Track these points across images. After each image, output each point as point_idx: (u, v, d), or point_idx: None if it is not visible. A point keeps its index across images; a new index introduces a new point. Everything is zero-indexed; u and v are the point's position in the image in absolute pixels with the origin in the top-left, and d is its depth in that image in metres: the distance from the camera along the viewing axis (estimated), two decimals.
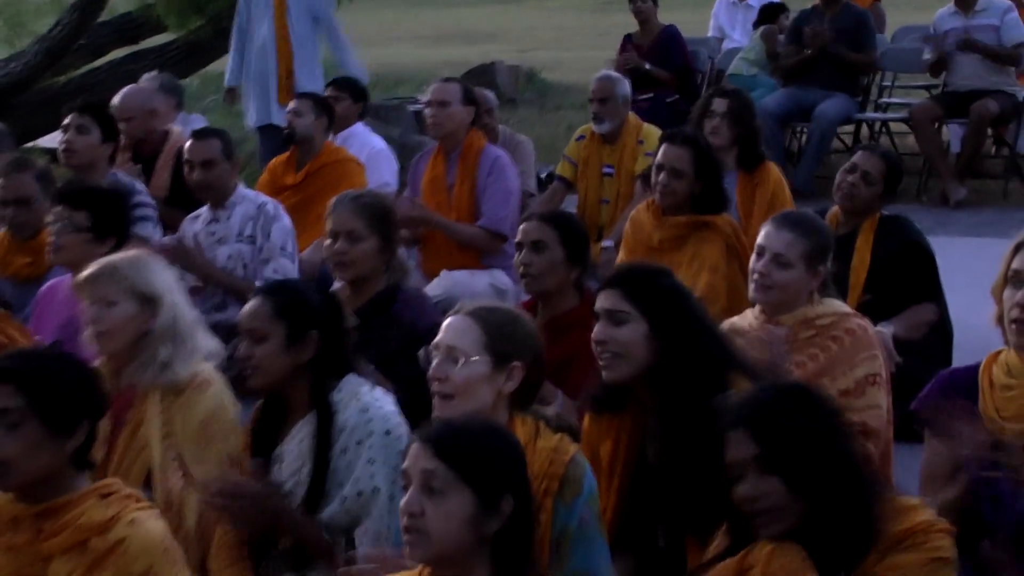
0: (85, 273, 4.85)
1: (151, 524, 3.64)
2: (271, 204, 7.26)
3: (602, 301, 4.38)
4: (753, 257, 5.28)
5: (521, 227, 5.64)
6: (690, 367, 4.24)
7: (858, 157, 6.90)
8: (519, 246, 5.55)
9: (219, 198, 7.22)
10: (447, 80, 8.23)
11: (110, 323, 4.75)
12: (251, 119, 11.16)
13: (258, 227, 7.14)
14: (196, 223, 7.35)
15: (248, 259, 7.10)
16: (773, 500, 3.40)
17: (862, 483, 3.47)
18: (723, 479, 3.54)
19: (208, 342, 4.87)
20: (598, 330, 4.34)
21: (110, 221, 5.88)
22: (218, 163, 7.20)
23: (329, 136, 8.75)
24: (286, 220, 7.21)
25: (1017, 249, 4.24)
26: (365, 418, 4.33)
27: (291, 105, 8.68)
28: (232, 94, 11.48)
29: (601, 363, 4.34)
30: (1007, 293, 4.23)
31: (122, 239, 5.95)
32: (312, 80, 10.73)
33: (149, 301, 4.74)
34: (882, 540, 3.43)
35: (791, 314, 5.20)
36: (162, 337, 4.71)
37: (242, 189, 7.37)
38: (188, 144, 7.39)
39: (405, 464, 3.28)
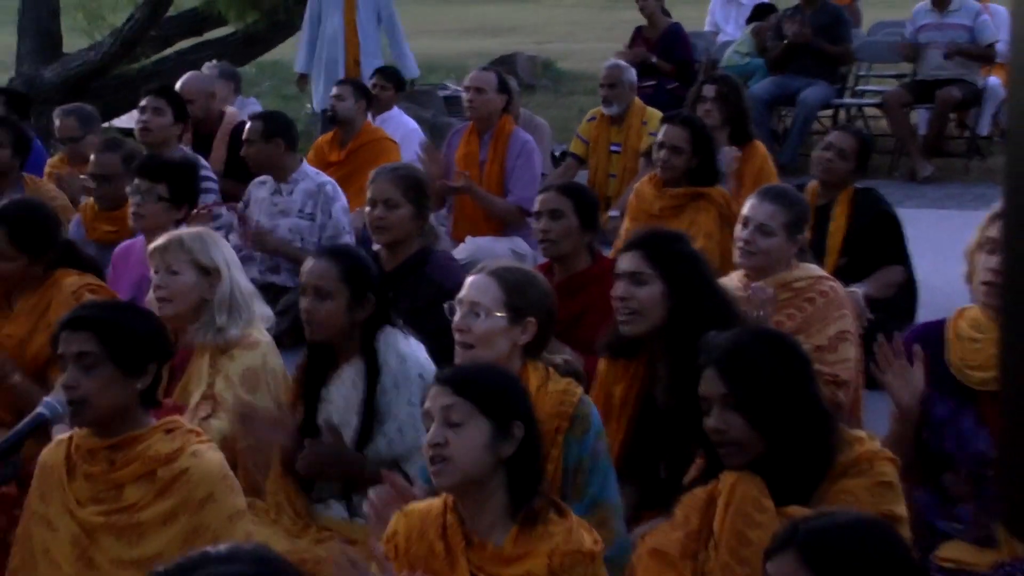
0: (155, 244, 4.87)
1: (211, 455, 3.65)
2: (330, 185, 7.26)
3: (625, 262, 4.39)
4: (738, 226, 5.28)
5: (540, 197, 5.64)
6: (700, 324, 4.24)
7: (833, 136, 6.91)
8: (538, 215, 5.55)
9: (280, 173, 7.21)
10: (484, 69, 8.28)
11: (173, 289, 4.76)
12: (318, 103, 11.12)
13: (318, 206, 7.14)
14: (262, 189, 7.37)
15: (306, 233, 7.10)
16: (736, 434, 3.41)
17: (817, 423, 3.46)
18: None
19: (263, 309, 4.89)
20: (620, 288, 4.35)
21: (184, 190, 5.95)
22: (255, 142, 7.20)
23: (368, 117, 8.75)
24: (343, 200, 7.23)
25: (993, 219, 4.25)
26: (402, 364, 4.34)
27: (333, 90, 8.67)
28: (304, 80, 11.43)
29: (620, 318, 4.36)
30: (981, 258, 4.23)
31: (193, 206, 6.00)
32: (374, 67, 10.71)
33: (208, 273, 4.75)
34: (833, 469, 3.43)
35: (771, 277, 5.20)
36: (219, 305, 4.72)
37: (305, 166, 7.37)
38: (248, 127, 7.41)
39: (426, 405, 3.31)
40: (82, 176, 7.26)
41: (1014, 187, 1.06)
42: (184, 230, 5.05)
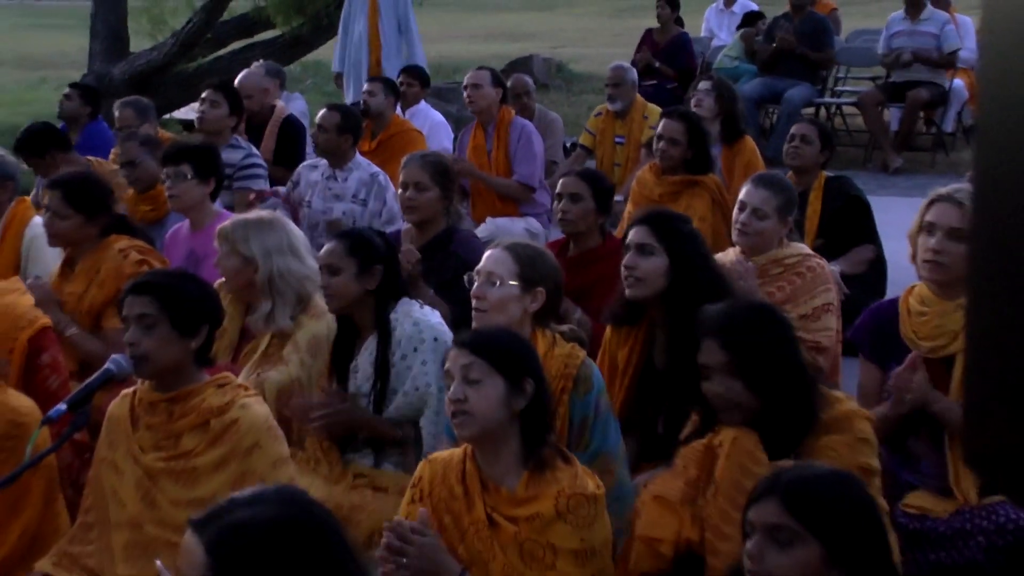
0: (220, 227, 4.87)
1: (257, 408, 3.66)
2: (382, 175, 7.22)
3: (634, 235, 4.40)
4: (736, 210, 5.30)
5: (562, 181, 5.65)
6: (696, 294, 4.26)
7: (794, 128, 6.90)
8: (559, 196, 5.55)
9: (338, 160, 7.21)
10: (480, 68, 8.29)
11: (225, 269, 4.78)
12: (348, 98, 11.12)
13: (372, 193, 7.12)
14: (314, 173, 7.32)
15: (358, 217, 7.07)
16: (735, 397, 3.41)
17: (805, 385, 3.47)
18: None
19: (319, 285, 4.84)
20: (628, 258, 4.37)
21: (207, 166, 5.92)
22: (328, 130, 7.20)
23: (396, 110, 8.75)
24: (393, 188, 7.21)
25: (930, 204, 4.27)
26: (417, 330, 4.33)
27: (365, 87, 8.66)
28: (339, 78, 11.41)
29: (626, 284, 4.38)
30: (921, 239, 4.26)
31: (220, 179, 5.99)
32: (394, 68, 10.70)
33: (248, 260, 4.74)
34: (817, 426, 3.43)
35: (764, 255, 5.22)
36: (261, 291, 4.69)
37: (358, 157, 7.35)
38: (321, 113, 7.40)
39: (447, 365, 3.31)
40: (112, 168, 7.26)
41: (983, 179, 1.05)
42: (238, 217, 5.05)
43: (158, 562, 2.33)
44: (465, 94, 8.16)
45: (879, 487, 3.49)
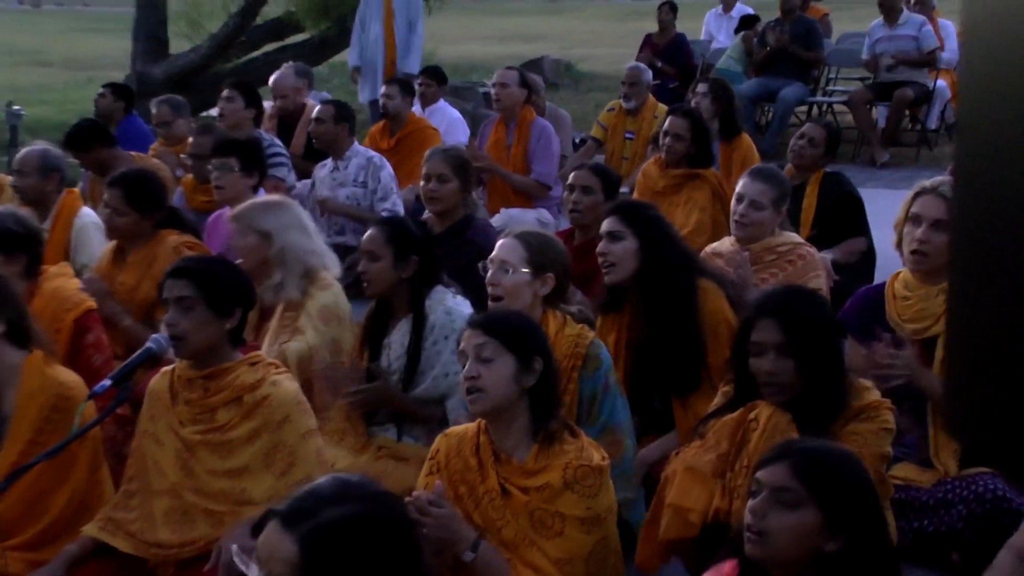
0: (232, 212, 4.91)
1: (287, 384, 3.66)
2: (377, 157, 7.32)
3: (605, 225, 4.45)
4: (734, 202, 5.30)
5: (574, 173, 5.63)
6: (666, 272, 4.29)
7: (806, 127, 6.88)
8: (571, 188, 5.54)
9: (337, 151, 7.25)
10: (508, 68, 8.27)
11: (241, 249, 4.78)
12: (363, 96, 11.13)
13: (369, 174, 7.18)
14: (323, 170, 7.41)
15: (361, 198, 7.14)
16: (785, 378, 3.38)
17: (840, 370, 3.45)
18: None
19: (328, 259, 4.85)
20: (601, 246, 4.41)
21: (252, 160, 5.96)
22: (326, 121, 7.22)
23: (412, 108, 8.77)
24: (389, 168, 7.26)
25: (916, 196, 4.28)
26: (450, 319, 4.31)
27: (383, 89, 8.65)
28: (357, 72, 11.42)
29: (603, 270, 4.40)
30: (907, 229, 4.28)
31: (263, 172, 6.02)
32: (407, 66, 10.72)
33: (265, 236, 4.74)
34: (847, 411, 3.41)
35: (759, 243, 5.21)
36: (274, 263, 4.71)
37: (356, 146, 7.40)
38: (317, 108, 7.45)
39: (461, 346, 3.31)
40: (181, 156, 7.37)
41: (963, 171, 1.05)
42: (252, 200, 5.07)
43: (235, 547, 2.30)
44: (492, 91, 8.14)
45: (886, 471, 3.49)
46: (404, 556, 2.11)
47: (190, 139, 7.19)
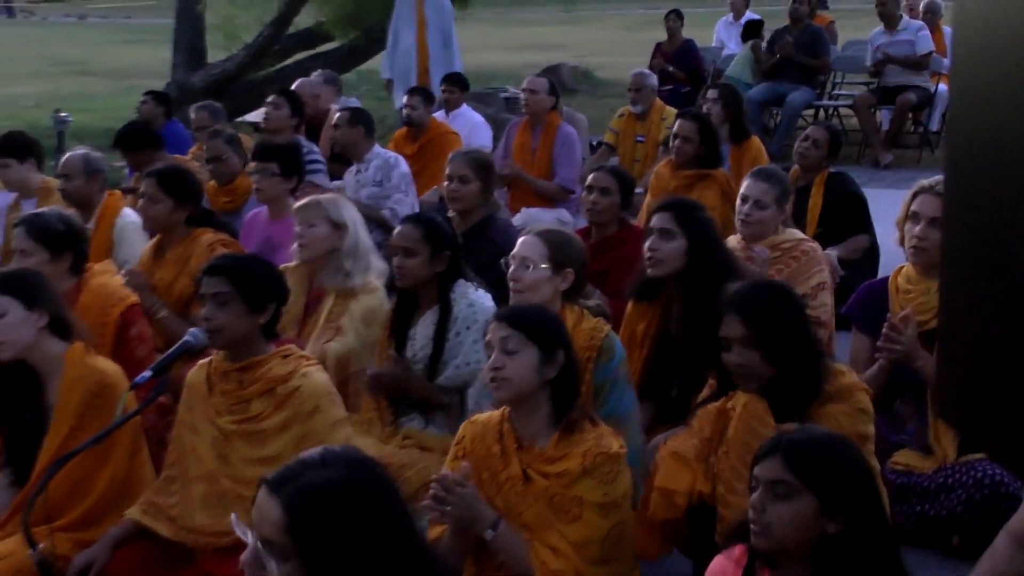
0: (298, 204, 4.94)
1: (318, 376, 3.67)
2: (393, 157, 7.35)
3: (657, 220, 4.40)
4: (739, 202, 5.29)
5: (594, 175, 5.59)
6: (710, 273, 4.26)
7: (809, 130, 6.89)
8: (590, 189, 5.52)
9: (355, 154, 7.28)
10: (539, 75, 8.31)
11: (310, 238, 4.80)
12: (397, 102, 11.11)
13: (384, 173, 7.19)
14: (350, 174, 7.46)
15: (378, 196, 7.16)
16: (752, 368, 3.39)
17: (813, 358, 3.44)
18: (717, 348, 3.54)
19: (378, 263, 4.87)
20: (652, 241, 4.36)
21: (291, 165, 5.97)
22: (342, 126, 7.23)
23: (442, 115, 8.78)
24: (404, 167, 7.26)
25: (915, 195, 4.30)
26: (472, 311, 4.30)
27: (405, 99, 8.65)
28: (390, 84, 11.43)
29: (648, 263, 4.38)
30: (908, 226, 4.31)
31: (301, 177, 6.04)
32: (439, 76, 10.71)
33: (338, 227, 4.77)
34: (821, 395, 3.40)
35: (765, 240, 5.20)
36: (346, 254, 4.74)
37: (377, 148, 7.40)
38: (336, 114, 7.49)
39: (487, 337, 3.31)
40: (193, 165, 7.33)
41: (954, 172, 1.05)
42: (321, 195, 5.10)
43: (233, 516, 2.32)
44: (522, 96, 8.13)
45: (872, 451, 3.48)
46: (384, 516, 2.12)
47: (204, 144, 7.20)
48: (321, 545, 2.07)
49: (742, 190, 5.29)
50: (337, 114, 7.50)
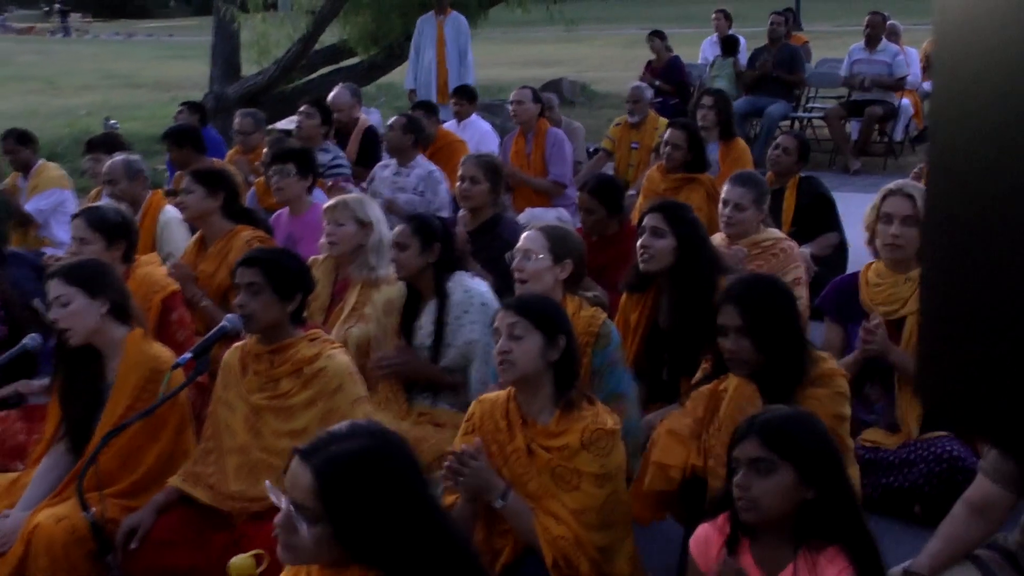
0: (327, 204, 4.94)
1: (341, 357, 3.67)
2: (437, 171, 7.24)
3: (649, 220, 4.39)
4: (720, 206, 5.28)
5: (579, 195, 5.51)
6: (697, 269, 4.24)
7: (780, 139, 6.86)
8: (580, 207, 5.48)
9: (403, 158, 7.23)
10: (523, 87, 8.28)
11: (339, 236, 4.79)
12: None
13: (428, 187, 7.15)
14: (385, 170, 7.35)
15: (418, 205, 7.07)
16: (744, 353, 3.37)
17: (799, 346, 3.42)
18: (706, 336, 3.53)
19: None
20: (644, 239, 4.35)
21: (307, 165, 5.96)
22: (396, 130, 7.20)
23: (441, 125, 8.76)
24: (445, 183, 7.20)
25: (884, 197, 4.28)
26: (468, 296, 4.30)
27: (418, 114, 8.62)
28: (413, 94, 11.40)
29: (641, 259, 4.36)
30: (880, 227, 4.31)
31: (316, 176, 6.02)
32: (467, 80, 10.70)
33: (364, 225, 4.76)
34: (805, 379, 3.38)
35: (746, 239, 5.20)
36: (372, 249, 4.75)
37: (421, 157, 7.35)
38: (392, 118, 7.42)
39: (495, 324, 3.30)
40: (255, 163, 7.37)
41: (936, 168, 1.03)
42: (347, 195, 5.08)
43: (267, 483, 2.33)
44: (510, 108, 8.14)
45: (848, 430, 3.46)
46: (404, 483, 2.14)
47: (264, 149, 7.19)
48: (347, 508, 2.08)
49: (723, 195, 5.27)
50: (393, 118, 7.45)
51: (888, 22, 12.48)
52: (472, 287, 4.34)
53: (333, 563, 2.14)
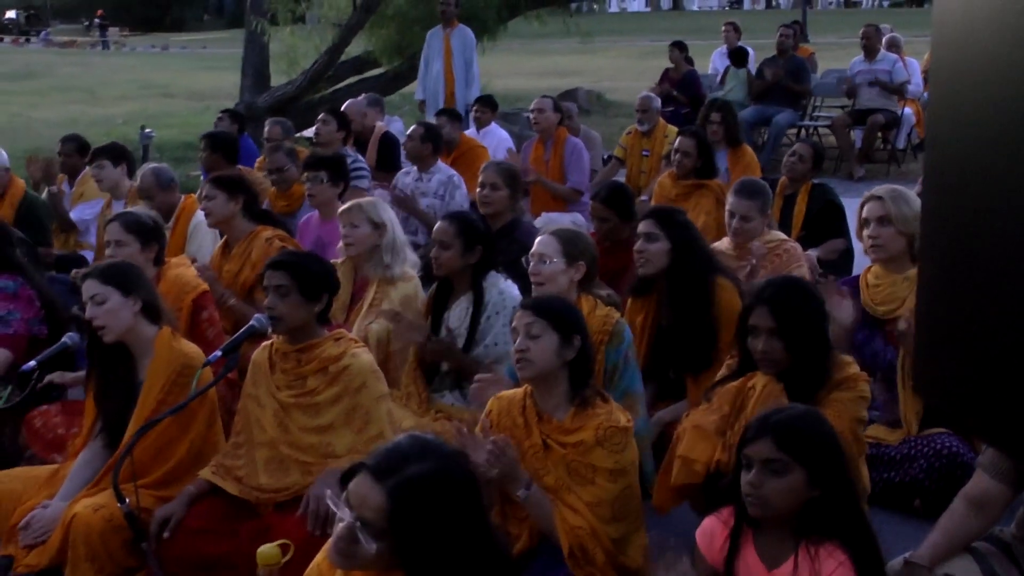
0: (341, 208, 4.94)
1: (364, 356, 3.67)
2: (456, 177, 7.23)
3: (642, 226, 4.40)
4: (727, 217, 5.28)
5: (592, 205, 5.50)
6: (690, 270, 4.23)
7: (796, 147, 6.82)
8: (593, 215, 5.46)
9: (422, 165, 7.24)
10: (543, 96, 8.26)
11: (354, 237, 4.79)
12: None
13: (448, 191, 7.14)
14: (407, 177, 7.34)
15: (438, 209, 7.07)
16: (774, 353, 3.35)
17: (825, 349, 3.40)
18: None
19: (412, 256, 4.90)
20: (639, 244, 4.35)
21: (339, 173, 5.97)
22: (414, 140, 7.21)
23: (473, 131, 8.75)
24: (464, 188, 7.19)
25: (863, 204, 4.37)
26: (501, 298, 4.31)
27: (435, 120, 8.61)
28: (423, 104, 11.42)
29: (638, 264, 4.35)
30: (864, 231, 4.35)
31: (347, 184, 6.03)
32: (468, 97, 10.70)
33: (378, 226, 4.76)
34: (830, 381, 3.37)
35: (752, 242, 5.19)
36: (386, 249, 4.74)
37: (441, 163, 7.34)
38: (411, 127, 7.43)
39: (513, 323, 3.29)
40: (258, 176, 7.37)
41: (931, 171, 1.03)
42: (363, 198, 5.09)
43: (328, 491, 2.30)
44: (531, 116, 8.12)
45: (864, 433, 3.45)
46: (472, 505, 2.12)
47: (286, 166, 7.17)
48: (415, 530, 2.06)
49: (728, 206, 5.28)
50: (411, 127, 7.46)
51: (889, 34, 12.45)
52: (506, 290, 4.35)
53: (382, 571, 2.13)
